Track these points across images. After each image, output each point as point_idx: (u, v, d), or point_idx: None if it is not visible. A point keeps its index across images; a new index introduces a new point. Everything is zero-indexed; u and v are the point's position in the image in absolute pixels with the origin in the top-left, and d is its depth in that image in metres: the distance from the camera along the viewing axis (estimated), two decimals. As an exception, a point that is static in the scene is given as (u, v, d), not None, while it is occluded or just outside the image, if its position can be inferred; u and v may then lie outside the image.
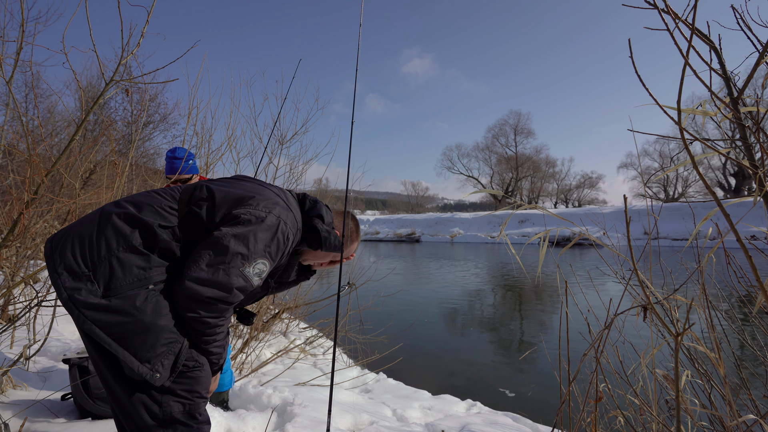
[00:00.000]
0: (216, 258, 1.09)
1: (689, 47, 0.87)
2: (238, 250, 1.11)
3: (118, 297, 1.04)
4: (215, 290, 1.08)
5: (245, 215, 1.16)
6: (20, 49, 2.07)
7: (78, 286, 1.04)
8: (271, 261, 1.18)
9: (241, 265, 1.10)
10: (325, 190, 6.24)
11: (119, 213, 1.14)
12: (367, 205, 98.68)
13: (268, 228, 1.16)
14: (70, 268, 1.06)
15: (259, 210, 1.18)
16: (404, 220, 37.99)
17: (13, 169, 3.03)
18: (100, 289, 1.04)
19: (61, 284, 1.05)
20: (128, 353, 1.03)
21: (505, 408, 3.18)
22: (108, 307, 1.03)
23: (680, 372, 1.33)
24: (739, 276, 1.60)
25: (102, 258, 1.07)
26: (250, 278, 1.13)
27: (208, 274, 1.08)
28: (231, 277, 1.09)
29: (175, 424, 1.11)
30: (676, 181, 43.98)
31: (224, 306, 1.11)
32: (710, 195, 0.98)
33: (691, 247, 1.77)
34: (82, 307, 1.03)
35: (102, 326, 1.02)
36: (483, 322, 6.81)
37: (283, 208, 1.24)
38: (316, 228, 1.33)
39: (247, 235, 1.13)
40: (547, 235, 1.42)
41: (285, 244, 1.22)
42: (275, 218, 1.19)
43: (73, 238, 1.11)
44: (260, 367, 3.59)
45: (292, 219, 1.26)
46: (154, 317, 1.06)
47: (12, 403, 2.11)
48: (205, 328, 1.11)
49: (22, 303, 3.00)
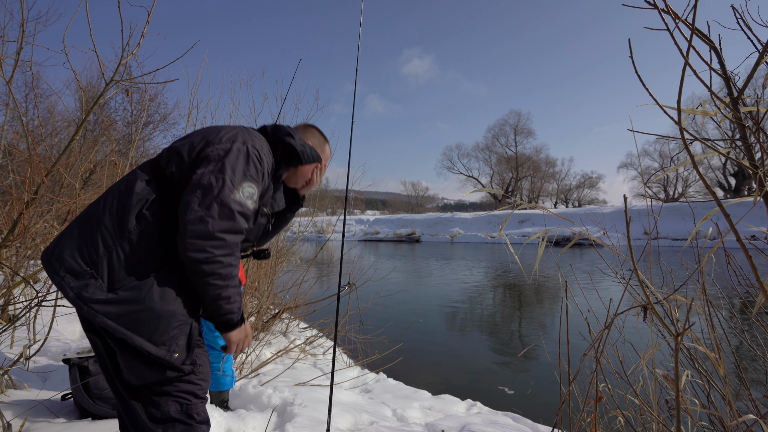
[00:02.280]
0: (204, 196, 1.10)
1: (689, 47, 0.87)
2: (221, 182, 1.12)
3: (124, 289, 1.07)
4: (219, 222, 1.09)
5: (213, 152, 1.17)
6: (20, 49, 2.07)
7: (83, 284, 1.06)
8: (255, 182, 1.19)
9: (230, 192, 1.12)
10: (325, 190, 6.24)
11: (107, 209, 1.15)
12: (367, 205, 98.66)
13: (238, 154, 1.18)
14: (72, 269, 1.08)
15: (224, 143, 1.19)
16: (404, 220, 37.98)
17: (13, 169, 3.02)
18: (105, 284, 1.07)
19: (66, 285, 1.07)
20: (143, 339, 1.07)
21: (505, 408, 3.18)
22: (117, 300, 1.06)
23: (680, 372, 1.33)
24: (739, 276, 1.60)
25: (101, 255, 1.09)
26: (244, 202, 1.14)
27: (204, 211, 1.08)
28: (227, 205, 1.10)
29: (174, 423, 1.14)
30: (676, 181, 43.99)
31: (232, 238, 1.12)
32: (710, 195, 0.98)
33: (691, 247, 1.77)
34: (92, 303, 1.05)
35: (114, 318, 1.05)
36: (483, 322, 6.81)
37: (245, 134, 1.25)
38: (291, 144, 1.35)
39: (223, 167, 1.14)
40: (546, 235, 1.42)
41: (261, 164, 1.23)
42: (241, 144, 1.20)
43: (67, 243, 1.13)
44: (260, 367, 3.59)
45: (259, 141, 1.27)
46: (162, 303, 1.09)
47: (12, 403, 2.11)
48: (220, 269, 1.11)
49: (22, 303, 3.00)
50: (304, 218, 5.31)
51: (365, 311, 4.42)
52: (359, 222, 39.72)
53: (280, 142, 1.36)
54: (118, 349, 1.12)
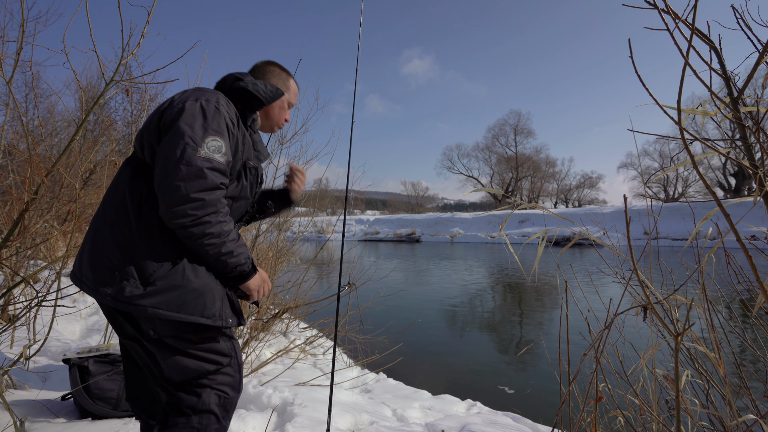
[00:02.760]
0: (170, 163, 1.07)
1: (689, 47, 0.87)
2: (182, 144, 1.08)
3: (159, 279, 1.10)
4: (190, 183, 1.05)
5: (169, 119, 1.13)
6: (20, 49, 2.07)
7: (119, 288, 1.09)
8: (219, 135, 1.14)
9: (194, 152, 1.07)
10: (325, 190, 6.24)
11: (108, 221, 1.17)
12: (367, 205, 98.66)
13: (192, 112, 1.13)
14: (103, 281, 1.12)
15: (175, 107, 1.15)
16: (404, 220, 37.97)
17: (13, 169, 3.02)
18: (138, 281, 1.10)
19: (104, 295, 1.10)
20: (197, 316, 1.12)
21: (505, 408, 3.18)
22: (157, 291, 1.09)
23: (680, 372, 1.33)
24: (739, 276, 1.60)
25: (123, 258, 1.11)
26: (212, 156, 1.10)
27: (172, 178, 1.05)
28: (194, 165, 1.06)
29: (210, 415, 1.18)
30: (676, 181, 43.97)
31: (210, 195, 1.08)
32: (710, 195, 0.98)
33: (691, 247, 1.77)
34: (136, 301, 1.08)
35: (163, 307, 1.09)
36: (483, 322, 6.81)
37: (196, 92, 1.20)
38: (243, 87, 1.29)
39: (179, 129, 1.09)
40: (546, 235, 1.42)
41: (221, 115, 1.17)
42: (193, 101, 1.16)
43: (87, 259, 1.17)
44: (260, 367, 3.59)
45: (213, 94, 1.20)
46: (199, 280, 1.14)
47: (12, 403, 2.11)
48: (210, 228, 1.09)
49: (22, 303, 3.00)
50: (304, 218, 5.31)
51: (365, 311, 4.42)
52: (359, 222, 39.71)
53: (232, 90, 1.30)
54: (156, 349, 1.16)
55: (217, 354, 1.21)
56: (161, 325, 1.14)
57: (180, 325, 1.15)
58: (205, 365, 1.19)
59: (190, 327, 1.16)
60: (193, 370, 1.17)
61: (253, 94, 1.30)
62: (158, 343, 1.16)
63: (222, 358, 1.21)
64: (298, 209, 5.30)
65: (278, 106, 1.44)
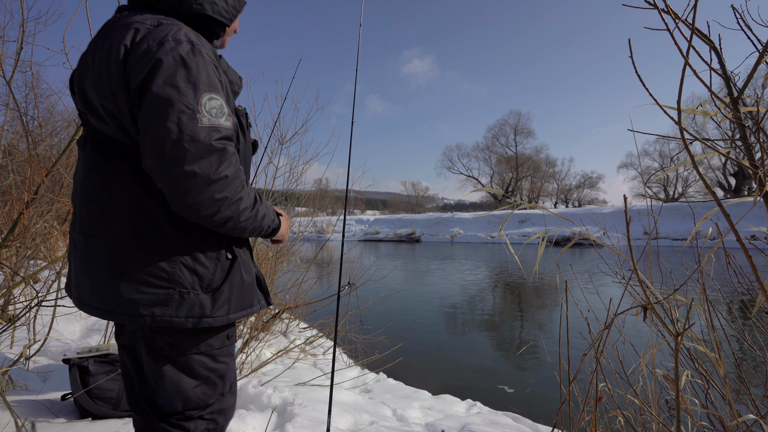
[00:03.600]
0: (168, 145, 0.81)
1: (689, 47, 0.87)
2: (174, 115, 0.81)
3: (225, 282, 0.99)
4: (203, 163, 0.83)
5: (139, 80, 0.84)
6: (20, 49, 2.07)
7: (176, 304, 0.94)
8: (215, 90, 0.88)
9: (192, 122, 0.82)
10: (326, 189, 6.24)
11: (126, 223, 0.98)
12: (367, 205, 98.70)
13: (170, 65, 0.84)
14: (143, 302, 0.97)
15: (144, 61, 0.84)
16: (404, 220, 37.97)
17: (13, 169, 3.02)
18: (201, 292, 0.97)
19: (150, 318, 0.96)
20: (249, 308, 1.04)
21: (505, 408, 3.18)
22: (225, 296, 0.98)
23: (680, 372, 1.33)
24: (739, 276, 1.60)
25: (173, 267, 0.98)
26: (216, 123, 0.85)
27: (179, 164, 0.81)
28: (199, 139, 0.82)
29: None
30: (676, 181, 43.98)
31: (229, 169, 0.87)
32: (710, 195, 0.98)
33: (691, 247, 1.77)
34: (208, 314, 0.96)
35: (234, 309, 1.01)
36: (483, 322, 6.81)
37: (157, 30, 0.89)
38: (201, 13, 0.97)
39: (165, 96, 0.82)
40: (546, 235, 1.42)
41: (205, 60, 0.89)
42: (165, 50, 0.85)
43: (102, 279, 0.98)
44: (260, 367, 3.59)
45: (180, 31, 0.89)
46: (250, 268, 1.06)
47: (12, 403, 2.11)
48: (242, 204, 0.91)
49: (22, 303, 3.00)
50: (304, 218, 5.31)
51: (365, 311, 4.42)
52: (359, 222, 39.72)
53: (182, 15, 0.97)
54: (160, 366, 0.97)
55: (220, 378, 1.05)
56: (185, 339, 0.97)
57: (206, 333, 0.99)
58: (209, 393, 1.01)
59: (217, 334, 1.01)
60: (196, 399, 0.99)
61: (217, 20, 1.00)
62: (165, 361, 0.97)
63: (224, 383, 1.06)
64: (298, 209, 5.30)
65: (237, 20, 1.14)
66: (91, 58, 0.92)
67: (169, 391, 0.97)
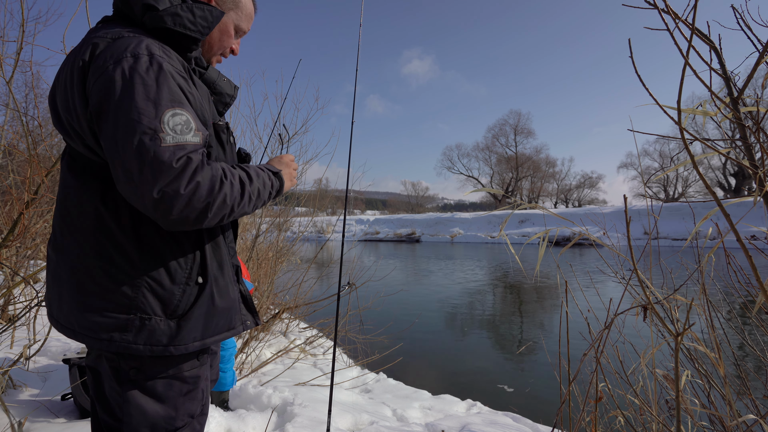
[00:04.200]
0: (134, 172, 0.77)
1: (689, 47, 0.87)
2: (135, 138, 0.77)
3: (192, 308, 0.93)
4: (172, 185, 0.78)
5: (96, 103, 0.81)
6: (20, 49, 2.07)
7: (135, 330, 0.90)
8: (179, 104, 0.83)
9: (154, 143, 0.77)
10: (325, 189, 6.25)
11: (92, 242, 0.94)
12: (367, 205, 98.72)
13: (124, 84, 0.80)
14: (106, 326, 0.91)
15: (98, 82, 0.81)
16: (404, 220, 37.99)
17: (13, 169, 3.02)
18: (164, 318, 0.92)
19: (109, 342, 0.90)
20: (224, 332, 1.00)
21: (505, 408, 3.18)
22: (189, 323, 0.93)
23: (680, 372, 1.33)
24: (739, 276, 1.60)
25: (136, 291, 0.93)
26: (182, 141, 0.80)
27: (147, 190, 0.77)
28: (163, 161, 0.77)
29: None
30: (676, 181, 44.00)
31: (201, 174, 0.82)
32: (710, 195, 0.98)
33: (691, 247, 1.77)
34: (170, 344, 0.91)
35: (196, 337, 0.95)
36: (483, 322, 6.81)
37: (111, 47, 0.84)
38: (161, 27, 0.91)
39: (122, 118, 0.78)
40: (546, 235, 1.42)
41: (166, 74, 0.84)
42: (118, 67, 0.81)
43: (69, 300, 0.94)
44: (260, 367, 3.59)
45: (138, 44, 0.85)
46: (225, 294, 0.99)
47: (12, 403, 2.11)
48: (229, 199, 0.87)
49: (22, 303, 3.00)
50: (304, 218, 5.31)
51: (365, 311, 4.42)
52: (359, 222, 39.73)
53: (146, 27, 0.92)
54: (126, 391, 0.91)
55: (191, 401, 0.98)
56: (151, 363, 0.91)
57: (174, 357, 0.93)
58: (177, 417, 0.95)
59: (187, 359, 0.96)
60: (164, 425, 0.93)
61: (181, 33, 0.93)
62: (131, 385, 0.91)
63: (193, 405, 0.99)
64: (298, 209, 5.30)
65: (218, 30, 1.06)
66: (61, 73, 0.91)
67: (135, 417, 0.91)
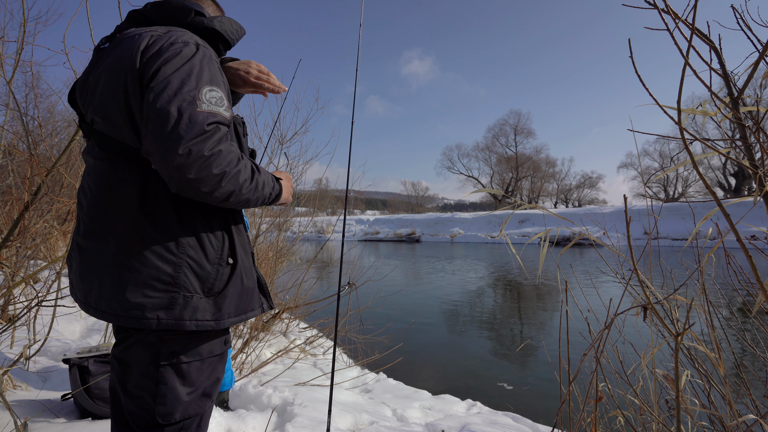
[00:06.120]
0: (167, 126, 0.85)
1: (689, 47, 0.87)
2: (176, 100, 0.86)
3: (228, 285, 1.01)
4: (199, 142, 0.85)
5: (150, 72, 0.91)
6: (20, 49, 2.07)
7: (180, 306, 0.96)
8: (217, 85, 0.95)
9: (191, 107, 0.87)
10: (326, 189, 6.25)
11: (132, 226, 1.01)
12: (367, 205, 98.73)
13: (178, 59, 0.92)
14: (149, 305, 0.98)
15: (153, 59, 0.92)
16: (404, 220, 37.98)
17: (13, 169, 3.02)
18: (202, 295, 0.98)
19: (156, 321, 0.96)
20: (249, 314, 1.07)
21: (505, 408, 3.18)
22: (226, 299, 1.01)
23: (680, 372, 1.33)
24: (739, 276, 1.60)
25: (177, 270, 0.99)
26: (214, 110, 0.90)
27: (175, 144, 0.84)
28: (196, 122, 0.86)
29: None
30: (676, 181, 43.99)
31: (223, 144, 0.90)
32: (710, 195, 0.98)
33: (691, 247, 1.77)
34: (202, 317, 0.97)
35: (234, 313, 1.03)
36: (483, 321, 6.81)
37: (169, 33, 0.97)
38: (210, 27, 1.05)
39: (168, 84, 0.88)
40: (547, 235, 1.42)
41: (212, 61, 0.98)
42: (176, 48, 0.93)
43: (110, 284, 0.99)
44: (260, 367, 3.59)
45: (191, 37, 0.98)
46: (251, 270, 1.08)
47: (12, 403, 2.11)
48: (242, 176, 0.93)
49: (22, 303, 3.00)
50: (304, 218, 5.32)
51: (365, 311, 4.42)
52: (359, 222, 39.72)
53: (193, 27, 1.05)
54: (162, 374, 0.96)
55: (215, 384, 1.06)
56: (189, 345, 0.98)
57: (208, 338, 1.01)
58: (204, 402, 1.03)
59: (217, 338, 1.03)
60: (195, 407, 1.01)
61: (222, 36, 1.08)
62: (168, 369, 0.97)
63: (214, 391, 1.06)
64: (298, 209, 5.30)
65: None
66: (103, 62, 1.00)
67: (170, 400, 0.97)
